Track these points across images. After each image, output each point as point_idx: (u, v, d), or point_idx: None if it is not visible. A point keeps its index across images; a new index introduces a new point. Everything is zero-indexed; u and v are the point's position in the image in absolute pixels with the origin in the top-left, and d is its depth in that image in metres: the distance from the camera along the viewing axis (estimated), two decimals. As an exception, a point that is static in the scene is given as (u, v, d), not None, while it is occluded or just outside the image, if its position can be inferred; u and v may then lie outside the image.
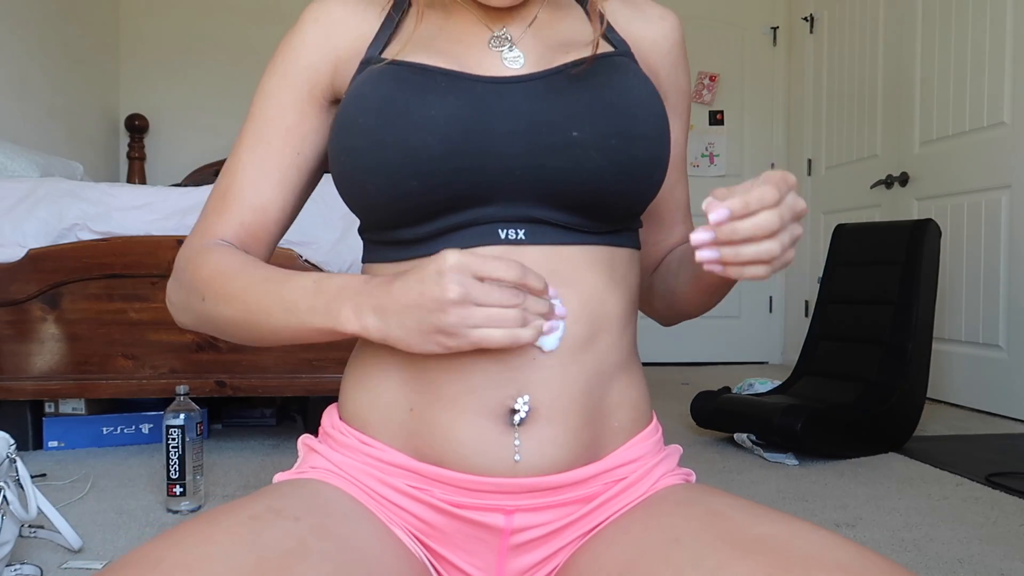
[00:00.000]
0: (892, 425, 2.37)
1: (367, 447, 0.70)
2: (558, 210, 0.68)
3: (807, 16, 4.36)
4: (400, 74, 0.69)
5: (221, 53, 4.18)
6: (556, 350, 0.66)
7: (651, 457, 0.74)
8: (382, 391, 0.70)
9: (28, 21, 3.36)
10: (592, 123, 0.67)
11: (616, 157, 0.67)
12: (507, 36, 0.74)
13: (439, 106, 0.66)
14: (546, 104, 0.68)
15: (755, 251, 0.59)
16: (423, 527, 0.68)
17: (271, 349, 2.27)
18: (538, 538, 0.68)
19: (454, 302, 0.57)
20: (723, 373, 4.02)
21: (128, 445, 2.40)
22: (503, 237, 0.67)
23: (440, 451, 0.66)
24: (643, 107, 0.70)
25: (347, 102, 0.70)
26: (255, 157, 0.76)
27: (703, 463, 2.20)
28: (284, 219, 0.79)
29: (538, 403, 0.66)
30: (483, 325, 0.58)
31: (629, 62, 0.75)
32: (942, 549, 1.50)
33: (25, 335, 2.24)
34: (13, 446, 1.31)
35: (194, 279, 0.73)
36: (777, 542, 0.57)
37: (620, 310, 0.72)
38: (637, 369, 0.76)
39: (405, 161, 0.65)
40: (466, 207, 0.67)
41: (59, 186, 2.29)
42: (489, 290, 0.58)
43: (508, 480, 0.65)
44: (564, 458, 0.67)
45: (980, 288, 3.06)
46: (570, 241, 0.68)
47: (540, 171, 0.66)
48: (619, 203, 0.69)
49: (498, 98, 0.68)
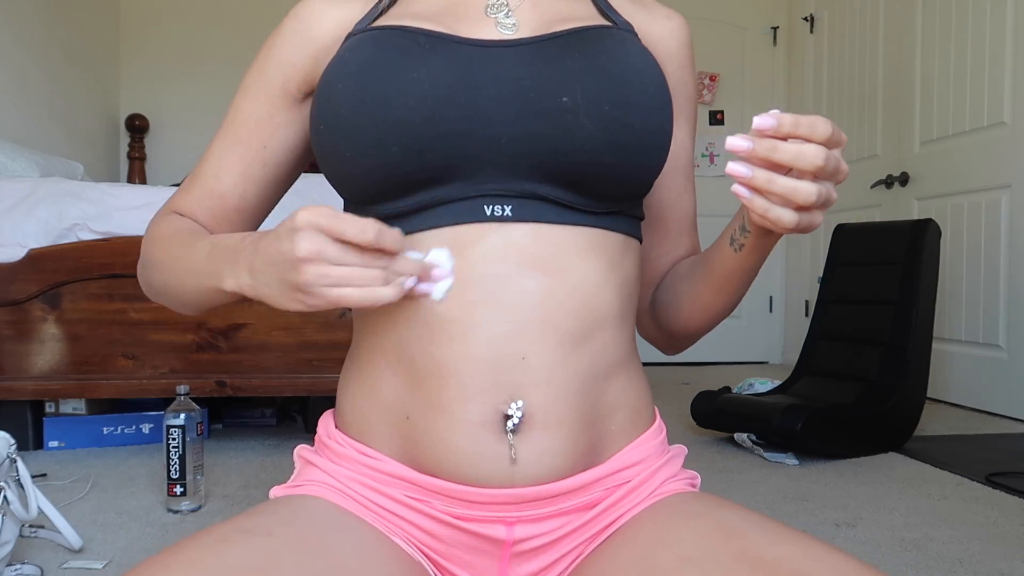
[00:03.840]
0: (892, 425, 2.37)
1: (366, 458, 0.68)
2: (548, 183, 0.64)
3: (807, 16, 4.36)
4: (382, 37, 0.68)
5: (221, 53, 4.18)
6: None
7: (654, 460, 0.71)
8: (377, 397, 0.68)
9: (29, 21, 3.36)
10: (584, 88, 0.63)
11: (609, 125, 0.63)
12: (505, 2, 0.72)
13: (423, 68, 0.64)
14: (535, 69, 0.64)
15: (790, 186, 0.54)
16: (425, 537, 0.67)
17: (272, 348, 2.27)
18: (540, 546, 0.66)
19: (304, 260, 0.55)
20: (723, 373, 4.02)
21: (128, 445, 2.40)
22: (488, 214, 0.63)
23: (437, 462, 0.64)
24: (641, 75, 0.66)
25: (327, 70, 0.69)
26: (223, 147, 0.79)
27: (703, 463, 2.20)
28: (246, 208, 0.79)
29: (532, 407, 0.63)
30: (339, 284, 0.56)
31: (629, 35, 0.71)
32: (942, 549, 1.50)
33: (25, 335, 2.24)
34: (14, 446, 1.31)
35: (144, 246, 0.78)
36: (794, 566, 0.55)
37: (616, 303, 0.68)
38: (637, 368, 0.73)
39: (386, 126, 0.62)
40: (450, 179, 0.64)
41: (59, 186, 2.29)
42: (344, 251, 0.56)
43: (506, 491, 0.63)
44: (562, 465, 0.64)
45: (980, 288, 3.06)
46: (561, 220, 0.64)
47: (529, 140, 0.63)
48: (614, 177, 0.65)
49: (485, 61, 0.65)
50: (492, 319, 0.62)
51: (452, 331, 0.63)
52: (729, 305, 0.75)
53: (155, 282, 0.76)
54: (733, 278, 0.71)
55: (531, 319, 0.63)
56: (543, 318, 0.63)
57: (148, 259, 0.77)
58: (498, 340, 0.62)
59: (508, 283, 0.63)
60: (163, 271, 0.74)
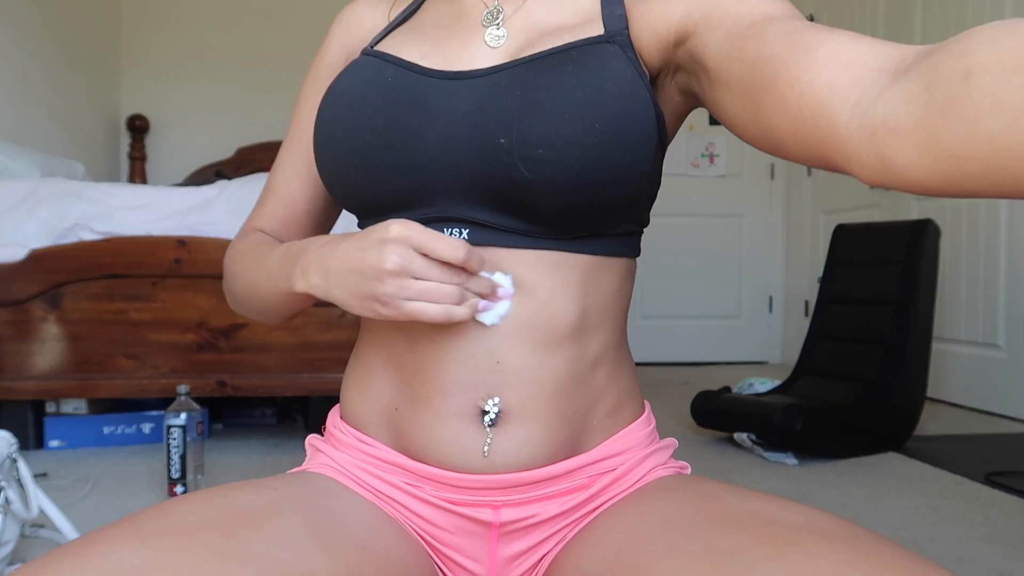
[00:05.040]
0: (892, 425, 2.37)
1: (365, 445, 0.72)
2: (499, 214, 0.65)
3: (807, 16, 4.37)
4: (360, 68, 0.72)
5: (222, 54, 4.18)
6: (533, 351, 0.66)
7: (640, 449, 0.73)
8: (372, 391, 0.72)
9: (29, 22, 3.36)
10: (520, 130, 0.62)
11: (543, 169, 0.61)
12: (499, 11, 0.72)
13: (380, 104, 0.67)
14: (485, 105, 0.65)
15: None
16: (419, 521, 0.70)
17: (272, 348, 2.27)
18: (527, 527, 0.69)
19: (391, 272, 0.58)
20: (723, 373, 4.02)
21: (129, 445, 2.41)
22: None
23: (423, 449, 0.68)
24: (599, 107, 0.61)
25: (325, 91, 0.74)
26: (288, 156, 0.83)
27: (703, 463, 2.20)
28: (315, 211, 0.84)
29: (509, 405, 0.66)
30: (418, 298, 0.58)
31: (608, 49, 0.66)
32: (942, 548, 1.51)
33: (26, 335, 2.25)
34: (15, 445, 1.32)
35: (226, 263, 0.82)
36: (766, 515, 0.58)
37: (594, 314, 0.69)
38: (622, 365, 0.74)
39: (350, 158, 0.67)
40: (412, 205, 0.67)
41: (60, 186, 2.29)
42: (429, 265, 0.59)
43: (488, 476, 0.66)
44: (541, 454, 0.67)
45: (979, 288, 3.06)
46: (517, 245, 0.66)
47: (474, 174, 0.65)
48: (560, 215, 0.63)
49: (440, 95, 0.67)
50: (465, 330, 0.66)
51: (434, 336, 0.66)
52: None
53: (237, 293, 0.79)
54: None
55: (502, 330, 0.66)
56: (514, 331, 0.66)
57: (230, 273, 0.80)
58: (474, 347, 0.66)
59: None
60: (243, 281, 0.77)
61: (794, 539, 0.53)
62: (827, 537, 0.53)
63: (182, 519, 0.56)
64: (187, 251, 2.24)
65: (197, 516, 0.56)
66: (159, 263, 2.24)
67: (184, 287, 2.27)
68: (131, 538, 0.52)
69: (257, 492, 0.63)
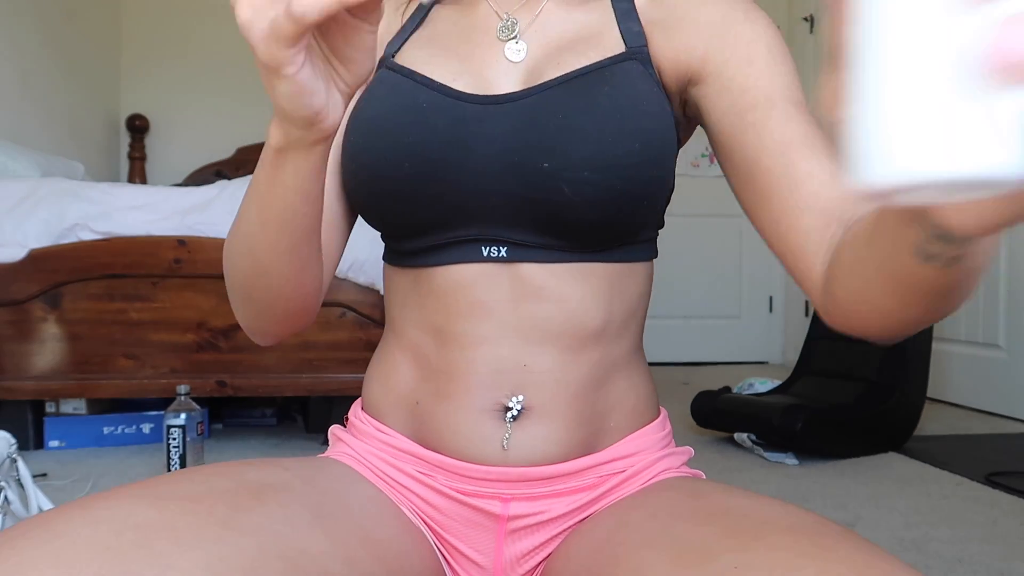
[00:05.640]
0: (892, 425, 2.37)
1: (382, 434, 0.74)
2: (538, 234, 0.67)
3: (807, 16, 4.36)
4: (391, 92, 0.70)
5: (222, 54, 4.18)
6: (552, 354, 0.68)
7: (653, 452, 0.74)
8: (395, 385, 0.74)
9: (29, 21, 3.36)
10: (564, 153, 0.64)
11: (587, 191, 0.64)
12: (514, 23, 0.72)
13: (416, 134, 0.67)
14: (524, 131, 0.66)
15: None
16: (429, 509, 0.72)
17: (272, 348, 2.27)
18: (535, 524, 0.70)
19: (243, 25, 0.48)
20: (723, 373, 4.02)
21: (129, 445, 2.40)
22: (485, 255, 0.68)
23: (440, 440, 0.70)
24: (630, 124, 0.65)
25: (353, 109, 0.71)
26: None
27: (703, 463, 2.19)
28: (332, 219, 0.74)
29: (532, 403, 0.68)
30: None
31: (631, 66, 0.69)
32: (942, 549, 1.51)
33: (26, 335, 2.25)
34: (14, 445, 1.32)
35: (223, 254, 0.71)
36: (741, 511, 0.60)
37: (618, 318, 0.71)
38: (640, 370, 0.76)
39: (385, 184, 0.68)
40: (449, 227, 0.68)
41: (60, 186, 2.29)
42: None
43: (501, 468, 0.68)
44: (555, 451, 0.69)
45: (979, 288, 3.06)
46: (550, 260, 0.68)
47: (514, 198, 0.66)
48: (602, 231, 0.67)
49: (478, 121, 0.67)
50: (496, 337, 0.68)
51: (462, 341, 0.68)
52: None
53: (235, 259, 0.68)
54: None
55: (531, 338, 0.68)
56: (542, 338, 0.68)
57: (227, 253, 0.69)
58: (502, 353, 0.68)
59: (510, 310, 0.68)
60: (236, 238, 0.66)
61: (760, 532, 0.55)
62: (792, 531, 0.55)
63: (192, 487, 0.57)
64: (187, 251, 2.24)
65: (207, 486, 0.58)
66: (159, 263, 2.24)
67: (184, 287, 2.27)
68: (140, 497, 0.54)
69: (269, 470, 0.64)
